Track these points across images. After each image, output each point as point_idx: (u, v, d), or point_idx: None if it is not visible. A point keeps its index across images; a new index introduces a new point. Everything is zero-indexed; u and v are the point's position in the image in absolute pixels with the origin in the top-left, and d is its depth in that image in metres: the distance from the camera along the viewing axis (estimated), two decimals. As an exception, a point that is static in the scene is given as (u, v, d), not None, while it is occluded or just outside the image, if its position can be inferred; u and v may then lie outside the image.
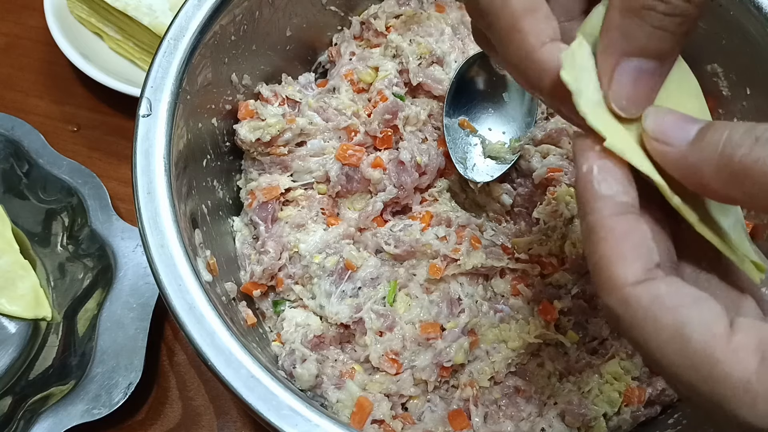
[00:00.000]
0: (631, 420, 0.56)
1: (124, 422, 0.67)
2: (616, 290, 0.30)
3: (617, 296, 0.30)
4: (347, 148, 0.62)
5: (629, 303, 0.30)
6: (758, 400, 0.27)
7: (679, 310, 0.29)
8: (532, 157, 0.63)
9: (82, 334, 0.67)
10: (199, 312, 0.47)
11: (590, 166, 0.32)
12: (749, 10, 0.57)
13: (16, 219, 0.72)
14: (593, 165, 0.32)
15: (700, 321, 0.28)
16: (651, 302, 0.29)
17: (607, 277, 0.30)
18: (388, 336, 0.57)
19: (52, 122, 0.83)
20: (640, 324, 0.29)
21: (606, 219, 0.31)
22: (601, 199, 0.31)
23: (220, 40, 0.59)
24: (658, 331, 0.29)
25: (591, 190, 0.31)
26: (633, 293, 0.30)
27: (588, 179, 0.32)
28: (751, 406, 0.27)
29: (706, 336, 0.28)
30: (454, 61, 0.67)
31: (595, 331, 0.58)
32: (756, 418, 0.27)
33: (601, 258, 0.30)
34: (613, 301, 0.30)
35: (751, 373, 0.27)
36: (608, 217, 0.31)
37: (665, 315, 0.29)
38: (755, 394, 0.27)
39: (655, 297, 0.29)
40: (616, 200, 0.31)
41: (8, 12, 0.90)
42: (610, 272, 0.30)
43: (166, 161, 0.52)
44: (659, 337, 0.29)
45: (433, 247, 0.59)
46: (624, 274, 0.30)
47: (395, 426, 0.55)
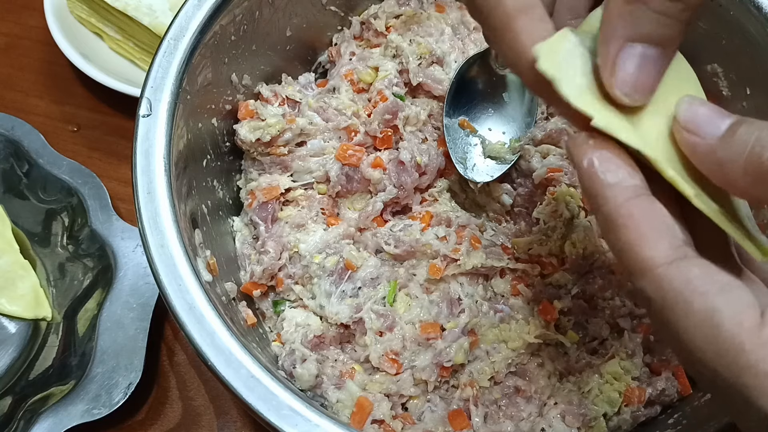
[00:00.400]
0: (631, 420, 0.56)
1: (124, 422, 0.67)
2: (647, 272, 0.30)
3: (650, 278, 0.30)
4: (347, 148, 0.62)
5: (661, 284, 0.30)
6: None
7: (710, 295, 0.29)
8: (532, 157, 0.63)
9: (82, 334, 0.67)
10: (199, 312, 0.47)
11: (590, 159, 0.32)
12: (749, 10, 0.57)
13: (16, 219, 0.72)
14: (592, 157, 0.32)
15: (731, 309, 0.29)
16: (684, 285, 0.29)
17: (635, 261, 0.30)
18: (388, 336, 0.57)
19: (52, 122, 0.83)
20: (670, 306, 0.29)
21: (621, 206, 0.31)
22: (610, 188, 0.31)
23: (220, 40, 0.59)
24: (689, 315, 0.29)
25: (598, 182, 0.31)
26: (665, 274, 0.30)
27: (591, 172, 0.32)
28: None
29: (736, 325, 0.28)
30: (454, 61, 0.67)
31: (595, 331, 0.58)
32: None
33: (626, 244, 0.30)
34: (645, 283, 0.30)
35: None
36: (622, 204, 0.31)
37: (697, 299, 0.29)
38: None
39: (688, 280, 0.29)
40: (624, 185, 0.31)
41: (8, 12, 0.90)
42: (638, 255, 0.30)
43: (166, 161, 0.52)
44: (689, 320, 0.29)
45: (433, 247, 0.59)
46: (653, 255, 0.30)
47: (395, 426, 0.55)
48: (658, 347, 0.58)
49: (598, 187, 0.32)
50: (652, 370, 0.57)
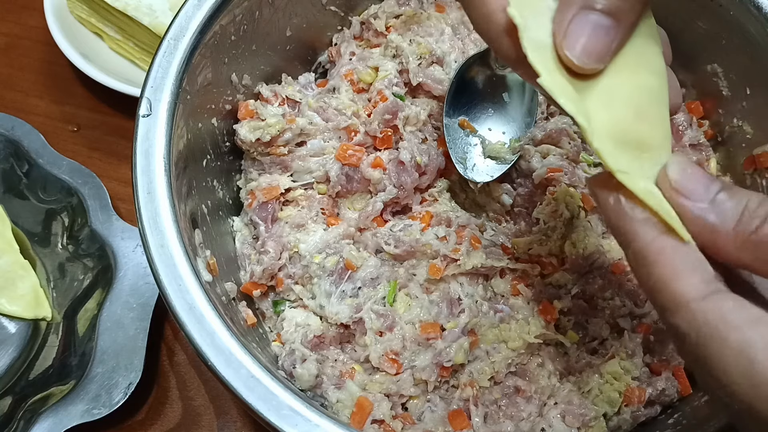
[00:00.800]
0: (631, 420, 0.56)
1: (124, 422, 0.67)
2: (681, 308, 0.30)
3: (684, 313, 0.30)
4: (347, 148, 0.62)
5: (696, 318, 0.30)
6: None
7: (744, 329, 0.29)
8: (532, 157, 0.63)
9: (82, 334, 0.67)
10: (199, 312, 0.47)
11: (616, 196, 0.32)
12: (749, 10, 0.57)
13: (16, 219, 0.72)
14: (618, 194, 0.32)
15: (765, 342, 0.29)
16: (718, 319, 0.29)
17: (669, 297, 0.30)
18: (388, 336, 0.57)
19: (52, 122, 0.83)
20: (705, 341, 0.29)
21: (651, 242, 0.31)
22: (640, 224, 0.32)
23: (220, 40, 0.59)
24: (724, 349, 0.29)
25: (626, 218, 0.32)
26: (700, 309, 0.30)
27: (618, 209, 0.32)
28: None
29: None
30: (454, 61, 0.67)
31: (595, 331, 0.58)
32: None
33: (658, 280, 0.31)
34: (679, 320, 0.30)
35: None
36: (653, 239, 0.31)
37: (732, 334, 0.29)
38: None
39: (722, 314, 0.29)
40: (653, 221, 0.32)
41: (8, 12, 0.90)
42: (672, 291, 0.30)
43: (166, 161, 0.52)
44: (724, 355, 0.29)
45: (433, 247, 0.59)
46: (686, 290, 0.30)
47: (395, 426, 0.55)
48: (658, 347, 0.58)
49: (626, 224, 0.32)
50: (652, 370, 0.57)
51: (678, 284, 0.30)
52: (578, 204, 0.60)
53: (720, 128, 0.65)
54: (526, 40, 0.33)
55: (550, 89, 0.32)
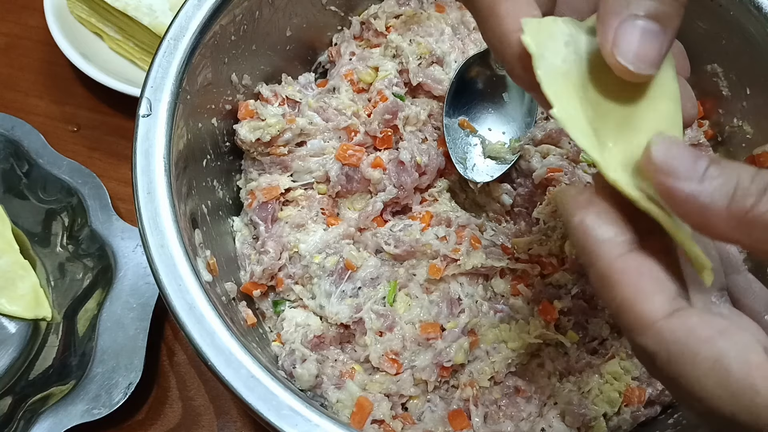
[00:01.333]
0: (631, 420, 0.56)
1: (124, 422, 0.67)
2: (647, 328, 0.30)
3: (651, 334, 0.30)
4: (347, 148, 0.62)
5: (664, 338, 0.29)
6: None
7: (714, 341, 0.29)
8: (532, 157, 0.63)
9: (82, 334, 0.67)
10: (199, 312, 0.47)
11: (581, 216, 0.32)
12: (749, 10, 0.57)
13: (16, 219, 0.72)
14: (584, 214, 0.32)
15: (736, 351, 0.29)
16: (687, 335, 0.29)
17: (634, 318, 0.30)
18: (388, 336, 0.57)
19: (52, 122, 0.83)
20: (677, 358, 0.29)
21: (614, 262, 0.31)
22: (602, 244, 0.31)
23: (220, 40, 0.59)
24: (697, 363, 0.29)
25: (590, 238, 0.31)
26: (666, 327, 0.29)
27: (583, 229, 0.32)
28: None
29: (744, 366, 0.28)
30: (454, 61, 0.67)
31: (595, 331, 0.58)
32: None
33: (623, 301, 0.30)
34: (647, 339, 0.30)
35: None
36: (615, 260, 0.31)
37: (702, 347, 0.29)
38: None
39: (690, 330, 0.29)
40: (617, 241, 0.31)
41: (8, 12, 0.90)
42: (636, 311, 0.30)
43: (166, 161, 0.52)
44: (698, 369, 0.29)
45: (433, 247, 0.59)
46: (651, 310, 0.30)
47: (395, 426, 0.55)
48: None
49: (590, 243, 0.31)
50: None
51: (642, 305, 0.30)
52: (578, 204, 0.60)
53: (720, 128, 0.65)
54: (541, 69, 0.32)
55: (563, 121, 0.31)
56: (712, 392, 0.29)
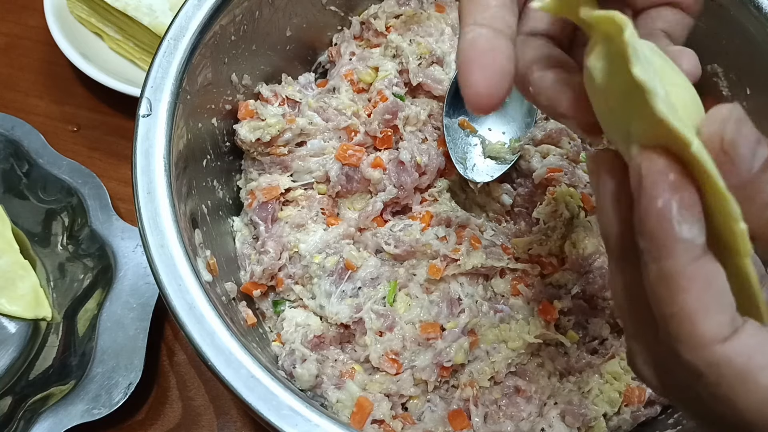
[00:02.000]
0: (631, 420, 0.56)
1: (124, 422, 0.67)
2: (702, 349, 0.27)
3: (705, 355, 0.27)
4: (347, 148, 0.62)
5: (720, 364, 0.27)
6: None
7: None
8: (532, 157, 0.63)
9: (82, 334, 0.67)
10: (199, 312, 0.47)
11: (668, 201, 0.27)
12: (749, 10, 0.57)
13: (16, 219, 0.72)
14: (671, 200, 0.27)
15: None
16: (745, 363, 0.27)
17: (690, 333, 0.27)
18: (388, 336, 0.57)
19: (52, 122, 0.83)
20: (730, 384, 0.27)
21: (687, 266, 0.27)
22: (681, 243, 0.27)
23: (220, 40, 0.59)
24: (751, 391, 0.27)
25: (670, 232, 0.27)
26: (723, 353, 0.27)
27: (666, 218, 0.27)
28: None
29: None
30: (454, 61, 0.67)
31: (595, 331, 0.58)
32: None
33: (682, 310, 0.27)
34: (698, 360, 0.28)
35: None
36: (689, 264, 0.27)
37: (760, 375, 0.27)
38: None
39: (749, 356, 0.27)
40: (696, 243, 0.27)
41: (8, 12, 0.90)
42: (695, 328, 0.27)
43: (166, 161, 0.52)
44: (753, 396, 0.27)
45: (433, 247, 0.59)
46: (711, 331, 0.27)
47: (395, 426, 0.55)
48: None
49: (668, 238, 0.27)
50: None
51: (703, 323, 0.27)
52: (578, 204, 0.60)
53: (720, 128, 0.65)
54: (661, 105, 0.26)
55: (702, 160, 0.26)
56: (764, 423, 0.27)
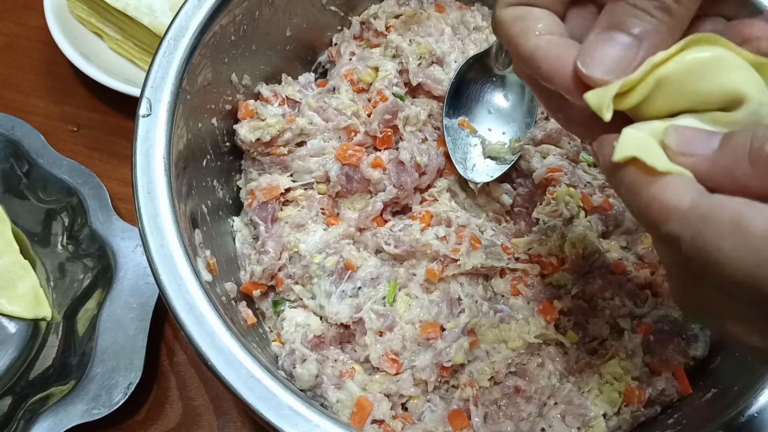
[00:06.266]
0: (631, 420, 0.56)
1: (124, 422, 0.67)
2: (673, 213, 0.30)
3: (676, 217, 0.30)
4: (347, 148, 0.62)
5: (687, 218, 0.30)
6: None
7: (736, 206, 0.29)
8: (532, 157, 0.63)
9: (82, 334, 0.67)
10: (199, 312, 0.47)
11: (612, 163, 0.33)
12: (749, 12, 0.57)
13: (16, 219, 0.72)
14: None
15: (757, 210, 0.29)
16: (710, 208, 0.29)
17: (659, 208, 0.31)
18: (388, 336, 0.57)
19: (52, 122, 0.83)
20: (700, 232, 0.29)
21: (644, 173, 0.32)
22: None
23: (220, 40, 0.59)
24: (718, 229, 0.29)
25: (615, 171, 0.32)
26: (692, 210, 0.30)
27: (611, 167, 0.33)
28: None
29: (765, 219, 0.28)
30: (454, 61, 0.67)
31: (595, 331, 0.58)
32: None
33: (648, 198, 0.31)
34: (672, 224, 0.30)
35: None
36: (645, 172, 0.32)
37: (723, 212, 0.29)
38: None
39: (713, 204, 0.30)
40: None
41: (8, 12, 0.90)
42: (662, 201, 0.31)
43: (166, 161, 0.52)
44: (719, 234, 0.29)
45: (433, 247, 0.59)
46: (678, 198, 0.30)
47: (395, 426, 0.55)
48: (658, 347, 0.57)
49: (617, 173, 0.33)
50: (652, 370, 0.57)
51: (668, 195, 0.31)
52: (578, 204, 0.60)
53: (720, 128, 0.65)
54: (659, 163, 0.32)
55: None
56: (733, 254, 0.28)
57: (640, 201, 0.32)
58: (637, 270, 0.60)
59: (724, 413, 0.49)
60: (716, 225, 0.29)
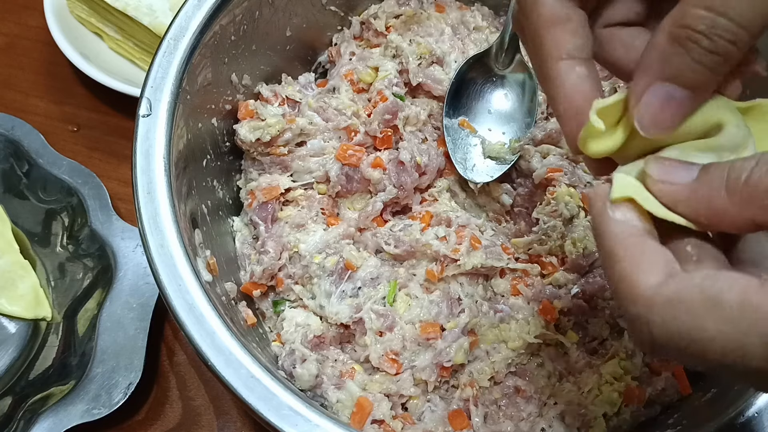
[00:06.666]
0: (631, 420, 0.55)
1: (124, 422, 0.67)
2: (640, 296, 0.30)
3: (642, 301, 0.30)
4: (347, 148, 0.62)
5: (654, 302, 0.30)
6: None
7: (704, 284, 0.29)
8: (532, 157, 0.63)
9: (82, 334, 0.67)
10: (199, 312, 0.47)
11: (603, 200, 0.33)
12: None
13: (16, 219, 0.72)
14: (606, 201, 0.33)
15: (728, 281, 0.29)
16: (677, 290, 0.29)
17: (628, 288, 0.31)
18: (388, 336, 0.57)
19: (52, 122, 0.83)
20: (671, 316, 0.29)
21: (622, 240, 0.32)
22: (615, 224, 0.32)
23: (220, 40, 0.59)
24: (692, 310, 0.29)
25: (606, 217, 0.32)
26: (657, 292, 0.30)
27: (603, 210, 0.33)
28: None
29: (738, 290, 0.28)
30: (454, 61, 0.67)
31: (595, 331, 0.58)
32: None
33: (621, 273, 0.31)
34: (639, 308, 0.30)
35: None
36: (624, 239, 0.32)
37: (693, 293, 0.29)
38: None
39: (680, 285, 0.29)
40: (630, 224, 0.32)
41: (8, 12, 0.90)
42: (631, 282, 0.30)
43: (166, 161, 0.52)
44: (695, 314, 0.29)
45: (433, 247, 0.59)
46: (646, 280, 0.30)
47: (395, 426, 0.55)
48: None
49: (604, 222, 0.32)
50: (652, 370, 0.57)
51: (637, 276, 0.30)
52: (578, 204, 0.60)
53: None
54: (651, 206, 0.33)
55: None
56: (715, 330, 0.28)
57: (614, 274, 0.32)
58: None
59: (724, 413, 0.49)
60: (690, 307, 0.29)
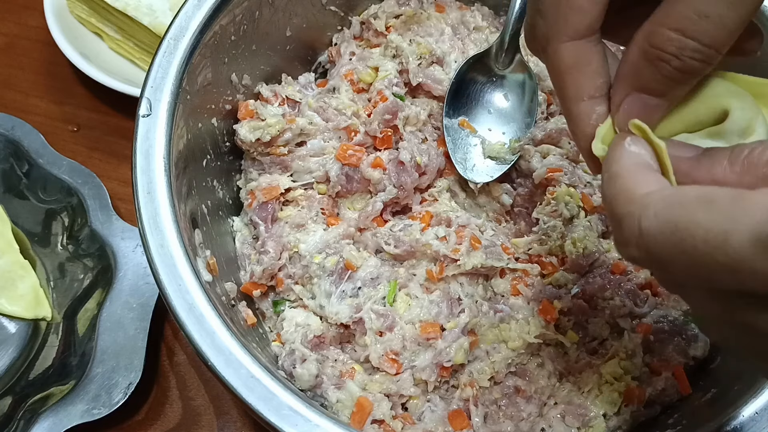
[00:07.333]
0: (631, 420, 0.55)
1: (124, 422, 0.67)
2: (637, 196, 0.32)
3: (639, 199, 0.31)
4: (347, 148, 0.62)
5: (651, 199, 0.31)
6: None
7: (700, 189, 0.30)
8: (532, 157, 0.63)
9: (82, 334, 0.67)
10: (199, 312, 0.48)
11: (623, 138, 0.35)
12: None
13: (16, 219, 0.72)
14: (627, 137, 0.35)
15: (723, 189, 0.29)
16: (674, 192, 0.31)
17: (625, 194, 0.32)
18: (388, 336, 0.57)
19: (52, 122, 0.83)
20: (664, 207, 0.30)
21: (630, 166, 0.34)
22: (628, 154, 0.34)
23: (220, 40, 0.59)
24: (686, 204, 0.29)
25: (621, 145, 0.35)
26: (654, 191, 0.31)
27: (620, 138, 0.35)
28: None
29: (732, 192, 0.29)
30: (454, 61, 0.67)
31: (595, 331, 0.58)
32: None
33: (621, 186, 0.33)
34: (634, 206, 0.31)
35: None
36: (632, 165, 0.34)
37: (688, 193, 0.30)
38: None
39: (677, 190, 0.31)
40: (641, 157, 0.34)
41: (8, 12, 0.90)
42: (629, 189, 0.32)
43: (166, 161, 0.52)
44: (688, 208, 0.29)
45: (433, 247, 0.59)
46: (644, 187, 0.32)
47: (395, 426, 0.55)
48: (658, 347, 0.58)
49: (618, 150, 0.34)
50: (652, 370, 0.57)
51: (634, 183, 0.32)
52: (578, 204, 0.60)
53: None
54: None
55: None
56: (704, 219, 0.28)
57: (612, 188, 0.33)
58: (636, 270, 0.60)
59: (724, 413, 0.49)
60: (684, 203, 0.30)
